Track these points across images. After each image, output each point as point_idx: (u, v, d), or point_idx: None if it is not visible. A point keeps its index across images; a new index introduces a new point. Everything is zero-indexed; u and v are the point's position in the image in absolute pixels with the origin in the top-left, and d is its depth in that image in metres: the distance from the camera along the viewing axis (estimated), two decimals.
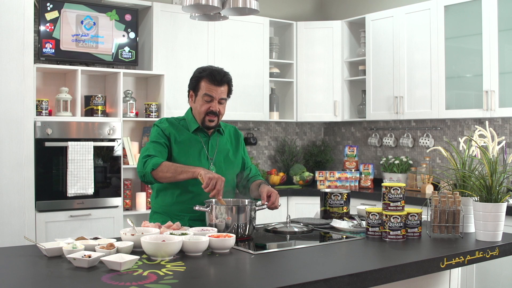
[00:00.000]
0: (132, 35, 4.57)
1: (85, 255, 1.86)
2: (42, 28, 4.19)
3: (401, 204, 2.44)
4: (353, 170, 5.21)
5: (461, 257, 2.17)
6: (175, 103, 4.60)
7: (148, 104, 4.57)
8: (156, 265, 1.90)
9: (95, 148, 4.15)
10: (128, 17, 4.55)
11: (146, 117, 4.57)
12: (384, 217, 2.40)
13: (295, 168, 5.40)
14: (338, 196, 2.85)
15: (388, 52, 4.88)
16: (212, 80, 2.62)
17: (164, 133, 2.66)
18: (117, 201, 4.26)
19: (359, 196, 4.70)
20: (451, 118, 4.63)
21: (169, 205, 2.64)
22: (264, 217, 3.26)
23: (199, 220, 2.52)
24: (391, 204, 2.43)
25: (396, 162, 4.96)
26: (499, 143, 2.63)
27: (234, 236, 2.17)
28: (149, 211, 2.79)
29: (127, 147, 4.45)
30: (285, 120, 5.47)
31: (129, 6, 4.58)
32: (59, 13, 4.24)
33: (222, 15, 3.22)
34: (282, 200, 4.84)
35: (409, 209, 2.45)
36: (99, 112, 4.32)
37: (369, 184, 5.11)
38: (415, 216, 2.43)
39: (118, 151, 4.29)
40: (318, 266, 1.98)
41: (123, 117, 4.40)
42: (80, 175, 4.06)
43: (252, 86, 5.14)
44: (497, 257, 2.35)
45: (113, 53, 4.49)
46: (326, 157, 5.69)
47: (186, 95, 2.76)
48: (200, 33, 4.84)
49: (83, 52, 4.36)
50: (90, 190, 4.10)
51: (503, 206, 2.41)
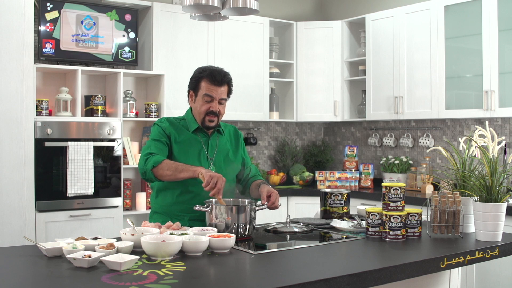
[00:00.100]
0: (132, 35, 4.57)
1: (85, 255, 1.86)
2: (42, 28, 4.19)
3: (401, 204, 2.44)
4: (353, 170, 5.20)
5: (461, 257, 2.17)
6: (175, 103, 4.60)
7: (148, 104, 4.57)
8: (156, 265, 1.90)
9: (95, 148, 4.16)
10: (128, 17, 4.55)
11: (146, 117, 4.57)
12: (384, 217, 2.40)
13: (295, 168, 5.40)
14: (338, 196, 2.85)
15: (388, 52, 4.88)
16: (212, 80, 2.62)
17: (165, 132, 2.66)
18: (117, 201, 4.26)
19: (359, 196, 4.70)
20: (451, 118, 4.63)
21: (169, 205, 2.64)
22: (264, 217, 3.25)
23: (199, 220, 2.52)
24: (391, 204, 2.43)
25: (396, 162, 4.96)
26: (499, 143, 2.63)
27: (234, 236, 2.17)
28: (149, 211, 2.79)
29: (127, 147, 4.45)
30: (285, 120, 5.47)
31: (129, 6, 4.58)
32: (59, 13, 4.24)
33: (222, 15, 3.22)
34: (282, 200, 4.84)
35: (409, 209, 2.45)
36: (99, 112, 4.32)
37: (369, 184, 5.11)
38: (415, 216, 2.43)
39: (118, 151, 4.29)
40: (318, 266, 1.98)
41: (123, 117, 4.40)
42: (80, 175, 4.06)
43: (252, 86, 5.14)
44: (497, 257, 2.35)
45: (113, 53, 4.49)
46: (326, 157, 5.68)
47: (186, 95, 2.76)
48: (200, 33, 4.84)
49: (83, 52, 4.36)
50: (90, 190, 4.10)
51: (503, 206, 2.41)
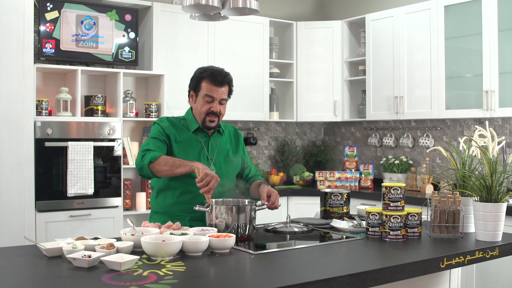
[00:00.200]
0: (132, 35, 4.57)
1: (85, 255, 1.86)
2: (42, 28, 4.19)
3: (401, 204, 2.44)
4: (353, 170, 5.20)
5: (461, 257, 2.17)
6: (175, 103, 4.60)
7: (148, 104, 4.57)
8: (156, 265, 1.90)
9: (95, 148, 4.16)
10: (128, 17, 4.55)
11: (146, 117, 4.57)
12: (384, 217, 2.40)
13: (295, 168, 5.40)
14: (338, 196, 2.85)
15: (388, 52, 4.88)
16: (213, 81, 2.62)
17: (164, 131, 2.65)
18: (117, 201, 4.26)
19: (359, 196, 4.70)
20: (451, 118, 4.63)
21: (170, 205, 2.64)
22: (264, 217, 3.25)
23: (200, 220, 2.52)
24: (391, 204, 2.43)
25: (396, 162, 4.96)
26: (499, 143, 2.63)
27: (234, 236, 2.17)
28: (149, 211, 2.79)
29: (127, 147, 4.45)
30: (285, 120, 5.47)
31: (129, 6, 4.58)
32: (59, 13, 4.24)
33: (222, 15, 3.22)
34: (282, 200, 4.84)
35: (409, 209, 2.45)
36: (99, 112, 4.32)
37: (369, 184, 5.11)
38: (415, 216, 2.43)
39: (118, 151, 4.29)
40: (318, 266, 1.98)
41: (123, 117, 4.40)
42: (80, 175, 4.06)
43: (252, 86, 5.14)
44: (497, 257, 2.35)
45: (113, 53, 4.49)
46: (326, 157, 5.68)
47: (186, 95, 2.76)
48: (200, 33, 4.84)
49: (83, 52, 4.36)
50: (90, 190, 4.10)
51: (503, 206, 2.41)
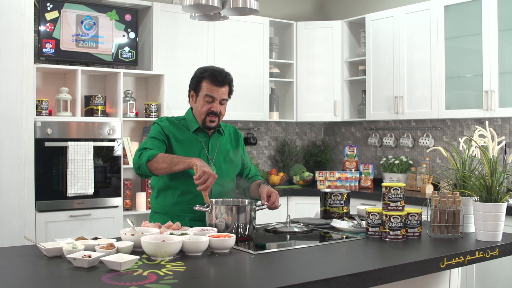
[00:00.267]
0: (132, 35, 4.57)
1: (85, 255, 1.86)
2: (42, 28, 4.19)
3: (401, 204, 2.44)
4: (353, 170, 5.20)
5: (461, 257, 2.17)
6: (175, 103, 4.60)
7: (148, 104, 4.57)
8: (156, 265, 1.90)
9: (95, 148, 4.15)
10: (128, 17, 4.55)
11: (146, 117, 4.57)
12: (384, 217, 2.40)
13: (295, 168, 5.40)
14: (338, 196, 2.85)
15: (388, 52, 4.88)
16: (214, 81, 2.62)
17: (164, 131, 2.65)
18: (117, 201, 4.26)
19: (359, 196, 4.70)
20: (451, 118, 4.63)
21: (170, 206, 2.64)
22: (264, 217, 3.25)
23: (200, 221, 2.52)
24: (391, 204, 2.43)
25: (396, 162, 4.96)
26: (499, 143, 2.63)
27: (234, 236, 2.17)
28: (149, 211, 2.79)
29: (127, 147, 4.45)
30: (285, 120, 5.47)
31: (129, 6, 4.58)
32: (59, 13, 4.24)
33: (222, 15, 3.22)
34: (282, 200, 4.84)
35: (409, 209, 2.45)
36: (99, 112, 4.32)
37: (369, 184, 5.11)
38: (415, 216, 2.43)
39: (118, 151, 4.29)
40: (318, 266, 1.98)
41: (123, 117, 4.40)
42: (80, 175, 4.06)
43: (252, 86, 5.14)
44: (497, 257, 2.35)
45: (113, 53, 4.49)
46: (326, 157, 5.68)
47: (187, 95, 2.76)
48: (200, 33, 4.84)
49: (83, 52, 4.36)
50: (90, 190, 4.10)
51: (503, 206, 2.41)
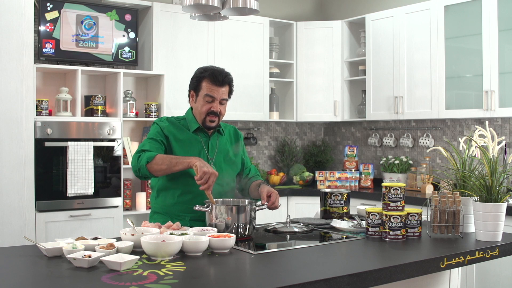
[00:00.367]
0: (132, 35, 4.57)
1: (85, 255, 1.86)
2: (42, 28, 4.19)
3: (401, 204, 2.44)
4: (353, 170, 5.20)
5: (461, 257, 2.17)
6: (175, 103, 4.60)
7: (148, 104, 4.57)
8: (156, 265, 1.90)
9: (95, 148, 4.15)
10: (128, 17, 4.55)
11: (146, 117, 4.57)
12: (384, 217, 2.40)
13: (295, 168, 5.40)
14: (338, 196, 2.85)
15: (388, 52, 4.88)
16: (214, 81, 2.62)
17: (163, 132, 2.65)
18: (117, 201, 4.26)
19: (359, 196, 4.70)
20: (451, 118, 4.63)
21: (170, 206, 2.64)
22: (264, 217, 3.25)
23: (200, 220, 2.52)
24: (391, 204, 2.43)
25: (396, 162, 4.96)
26: (499, 143, 2.63)
27: (234, 236, 2.17)
28: (149, 211, 2.79)
29: (127, 147, 4.44)
30: (285, 120, 5.47)
31: (129, 6, 4.58)
32: (59, 13, 4.24)
33: (222, 15, 3.22)
34: (282, 200, 4.84)
35: (409, 209, 2.45)
36: (99, 112, 4.32)
37: (369, 184, 5.11)
38: (415, 216, 2.43)
39: (118, 151, 4.29)
40: (318, 266, 1.98)
41: (123, 117, 4.40)
42: (80, 175, 4.06)
43: (252, 86, 5.14)
44: (497, 257, 2.35)
45: (113, 53, 4.49)
46: (326, 157, 5.68)
47: (187, 95, 2.76)
48: (200, 33, 4.84)
49: (83, 52, 4.36)
50: (90, 190, 4.10)
51: (503, 206, 2.41)
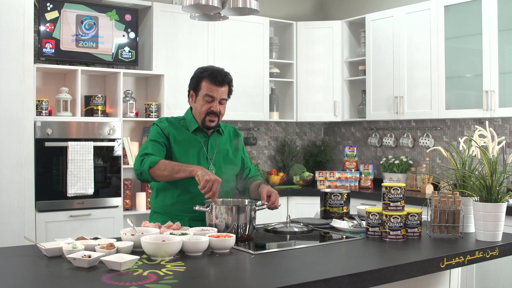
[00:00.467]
0: (132, 35, 4.57)
1: (85, 255, 1.86)
2: (42, 28, 4.19)
3: (401, 204, 2.43)
4: (353, 170, 5.20)
5: (461, 257, 2.17)
6: (175, 103, 4.60)
7: (148, 104, 4.57)
8: (156, 265, 1.90)
9: (95, 148, 4.15)
10: (128, 17, 4.55)
11: (146, 117, 4.57)
12: (384, 217, 2.40)
13: (295, 168, 5.40)
14: (338, 196, 2.85)
15: (388, 52, 4.88)
16: (213, 81, 2.62)
17: (163, 133, 2.65)
18: (117, 201, 4.26)
19: (359, 196, 4.70)
20: (451, 118, 4.63)
21: (169, 205, 2.64)
22: (264, 217, 3.25)
23: (199, 220, 2.52)
24: (391, 204, 2.43)
25: (396, 162, 4.96)
26: (499, 143, 2.63)
27: (234, 236, 2.17)
28: (149, 211, 2.79)
29: (127, 147, 4.45)
30: (285, 120, 5.47)
31: (129, 6, 4.58)
32: (59, 13, 4.24)
33: (222, 15, 3.22)
34: (282, 200, 4.84)
35: (409, 209, 2.45)
36: (99, 112, 4.32)
37: (369, 184, 5.11)
38: (415, 216, 2.43)
39: (118, 151, 4.29)
40: (318, 266, 1.98)
41: (123, 117, 4.40)
42: (80, 175, 4.06)
43: (252, 86, 5.14)
44: (497, 257, 2.35)
45: (113, 53, 4.49)
46: (326, 157, 5.68)
47: (186, 95, 2.76)
48: (200, 33, 4.84)
49: (83, 52, 4.36)
50: (90, 190, 4.10)
51: (503, 206, 2.41)
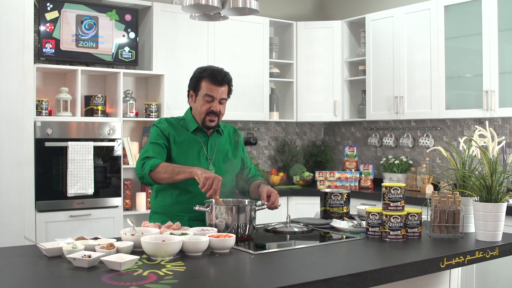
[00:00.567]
0: (132, 35, 4.57)
1: (85, 255, 1.86)
2: (42, 28, 4.19)
3: (401, 204, 2.44)
4: (353, 170, 5.20)
5: (461, 257, 2.17)
6: (175, 103, 4.60)
7: (148, 104, 4.57)
8: (156, 265, 1.90)
9: (95, 148, 4.15)
10: (128, 17, 4.55)
11: (146, 117, 4.57)
12: (384, 217, 2.40)
13: (295, 168, 5.40)
14: (338, 196, 2.85)
15: (388, 52, 4.88)
16: (213, 80, 2.62)
17: (163, 134, 2.65)
18: (117, 201, 4.26)
19: (359, 196, 4.70)
20: (451, 118, 4.63)
21: (169, 205, 2.64)
22: (264, 217, 3.25)
23: (199, 220, 2.52)
24: (391, 204, 2.43)
25: (396, 162, 4.96)
26: (499, 143, 2.63)
27: (234, 236, 2.17)
28: (149, 211, 2.79)
29: (127, 147, 4.45)
30: (285, 120, 5.47)
31: (129, 6, 4.58)
32: (59, 13, 4.24)
33: (222, 15, 3.22)
34: (282, 200, 4.84)
35: (409, 209, 2.45)
36: (99, 112, 4.32)
37: (369, 184, 5.11)
38: (415, 216, 2.43)
39: (118, 151, 4.29)
40: (318, 266, 1.98)
41: (123, 117, 4.40)
42: (80, 175, 4.06)
43: (252, 86, 5.14)
44: (497, 257, 2.35)
45: (113, 53, 4.49)
46: (326, 157, 5.68)
47: (186, 95, 2.76)
48: (200, 33, 4.84)
49: (83, 52, 4.36)
50: (90, 190, 4.10)
51: (503, 206, 2.41)
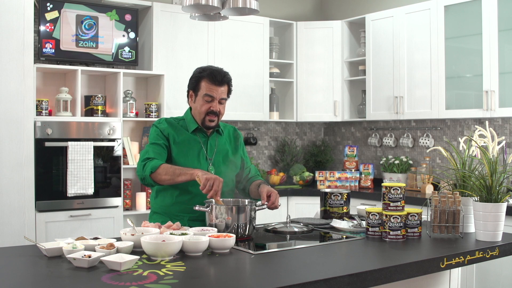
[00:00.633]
0: (132, 35, 4.57)
1: (85, 255, 1.86)
2: (42, 28, 4.19)
3: (401, 204, 2.44)
4: (353, 170, 5.20)
5: (461, 257, 2.17)
6: (175, 103, 4.60)
7: (148, 104, 4.57)
8: (156, 265, 1.90)
9: (95, 148, 4.15)
10: (128, 17, 4.55)
11: (146, 117, 4.57)
12: (384, 217, 2.40)
13: (295, 168, 5.40)
14: (338, 196, 2.85)
15: (388, 52, 4.88)
16: (213, 80, 2.62)
17: (163, 134, 2.65)
18: (117, 201, 4.26)
19: (359, 196, 4.70)
20: (451, 118, 4.63)
21: (169, 206, 2.65)
22: (264, 217, 3.25)
23: (199, 220, 2.52)
24: (391, 204, 2.43)
25: (396, 162, 4.96)
26: (499, 143, 2.63)
27: (234, 236, 2.17)
28: (149, 211, 2.79)
29: (127, 147, 4.45)
30: (285, 120, 5.47)
31: (129, 6, 4.58)
32: (59, 13, 4.24)
33: (222, 15, 3.22)
34: (282, 200, 4.84)
35: (409, 209, 2.45)
36: (99, 112, 4.32)
37: (369, 184, 5.11)
38: (415, 216, 2.43)
39: (118, 151, 4.29)
40: (318, 266, 1.98)
41: (123, 117, 4.40)
42: (80, 175, 4.06)
43: (252, 86, 5.14)
44: (497, 257, 2.35)
45: (113, 53, 4.49)
46: (326, 157, 5.68)
47: (186, 95, 2.76)
48: (200, 33, 4.84)
49: (83, 52, 4.36)
50: (90, 190, 4.10)
51: (503, 206, 2.41)
